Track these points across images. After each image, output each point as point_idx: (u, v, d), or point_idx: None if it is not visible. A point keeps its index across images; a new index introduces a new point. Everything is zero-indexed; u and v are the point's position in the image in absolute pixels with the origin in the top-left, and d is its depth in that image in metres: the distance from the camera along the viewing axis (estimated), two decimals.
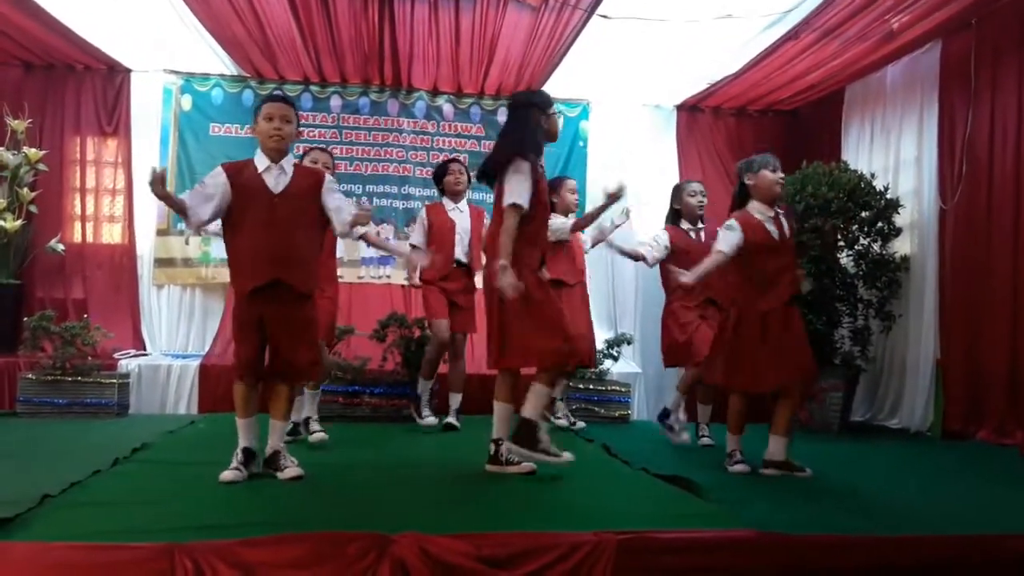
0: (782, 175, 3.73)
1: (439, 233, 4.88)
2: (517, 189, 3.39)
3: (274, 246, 3.21)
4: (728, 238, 3.65)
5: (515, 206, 3.37)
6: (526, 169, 3.41)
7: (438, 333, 4.84)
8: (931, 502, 3.20)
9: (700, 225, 4.75)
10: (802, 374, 3.66)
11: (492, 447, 3.49)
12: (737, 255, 3.63)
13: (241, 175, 3.26)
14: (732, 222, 3.68)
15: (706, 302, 4.54)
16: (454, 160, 5.27)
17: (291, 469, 3.27)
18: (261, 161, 3.29)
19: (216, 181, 3.24)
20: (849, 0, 4.65)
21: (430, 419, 4.90)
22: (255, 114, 3.36)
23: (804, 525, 2.65)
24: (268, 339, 3.29)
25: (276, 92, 6.37)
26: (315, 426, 4.29)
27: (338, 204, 3.34)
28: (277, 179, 3.27)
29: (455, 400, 4.97)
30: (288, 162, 3.34)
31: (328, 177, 3.44)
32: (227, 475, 3.15)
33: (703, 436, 4.59)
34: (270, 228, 3.21)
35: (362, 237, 3.92)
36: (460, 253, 4.87)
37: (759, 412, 3.81)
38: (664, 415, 4.70)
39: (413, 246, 4.94)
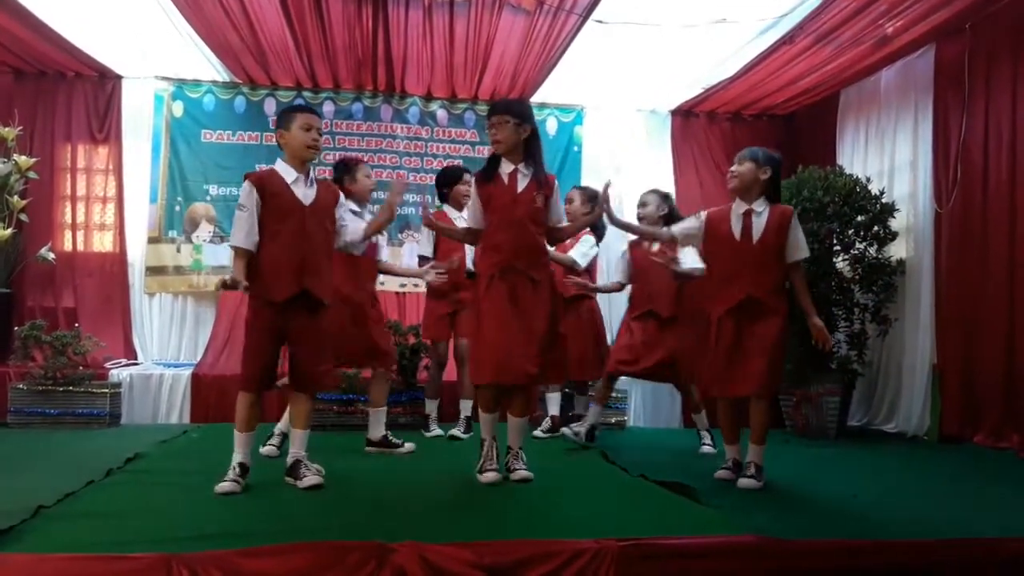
0: (731, 169, 3.63)
1: (446, 243, 4.78)
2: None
3: (304, 258, 3.27)
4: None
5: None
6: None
7: (438, 355, 5.01)
8: (929, 506, 3.20)
9: None
10: (750, 385, 3.47)
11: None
12: (705, 253, 3.74)
13: (270, 185, 3.28)
14: (701, 212, 3.76)
15: (647, 314, 4.51)
16: (459, 167, 5.21)
17: (309, 478, 3.25)
18: (288, 172, 3.31)
19: (251, 197, 3.26)
20: (844, 4, 4.66)
21: (436, 431, 4.94)
22: (284, 123, 3.35)
23: (804, 530, 2.65)
24: (291, 349, 3.32)
25: (298, 102, 6.48)
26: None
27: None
28: (306, 192, 3.33)
29: (466, 407, 4.97)
30: (313, 174, 3.40)
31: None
32: (224, 486, 3.12)
33: (704, 444, 4.54)
34: (300, 240, 3.27)
35: (383, 271, 4.51)
36: (469, 263, 4.79)
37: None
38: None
39: (422, 257, 4.95)
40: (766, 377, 3.45)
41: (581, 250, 4.88)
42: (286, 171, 3.31)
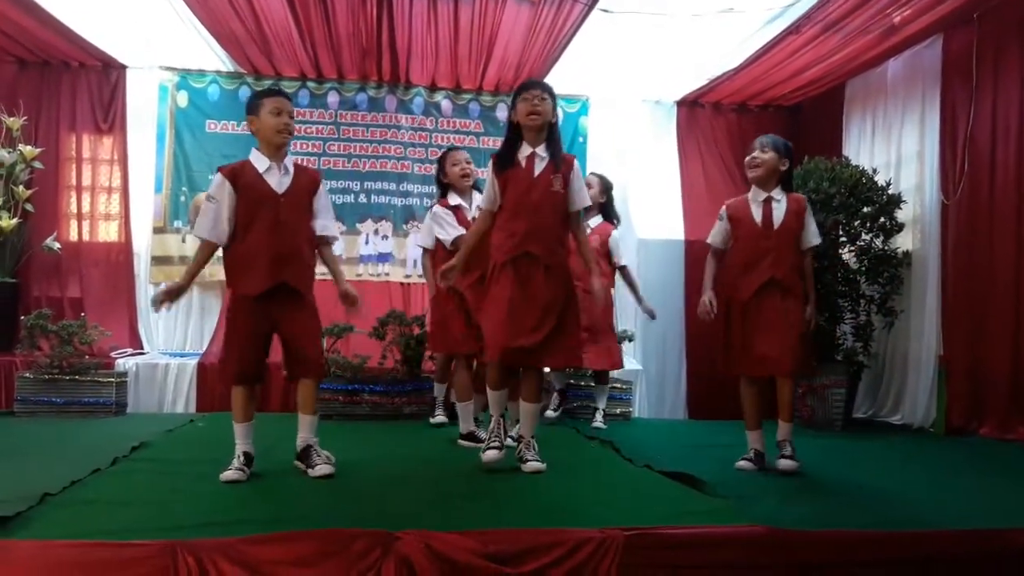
0: (755, 155, 3.65)
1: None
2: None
3: (279, 248, 3.19)
4: (715, 229, 3.86)
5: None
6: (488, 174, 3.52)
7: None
8: (937, 497, 3.19)
9: None
10: (778, 366, 3.54)
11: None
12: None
13: (242, 177, 3.21)
14: (721, 210, 3.83)
15: None
16: (452, 147, 5.13)
17: (321, 467, 3.22)
18: (260, 161, 3.24)
19: (222, 188, 3.20)
20: None
21: (440, 418, 4.92)
22: (253, 109, 3.28)
23: (811, 521, 2.64)
24: (282, 339, 3.28)
25: (273, 87, 6.33)
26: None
27: (323, 209, 3.37)
28: (280, 180, 3.25)
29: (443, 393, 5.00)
30: (289, 161, 3.31)
31: (323, 183, 3.44)
32: (229, 474, 3.12)
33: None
34: (275, 231, 3.20)
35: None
36: None
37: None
38: None
39: (424, 249, 4.65)
40: (799, 354, 3.56)
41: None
42: (259, 160, 3.25)
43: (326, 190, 3.44)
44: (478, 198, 4.21)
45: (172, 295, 3.21)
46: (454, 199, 4.40)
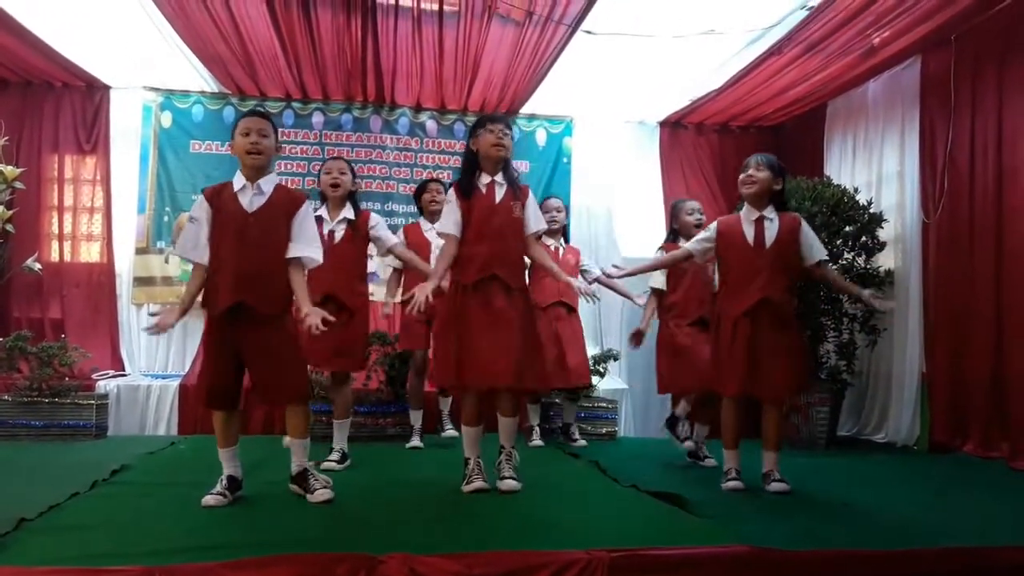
0: (750, 173, 3.67)
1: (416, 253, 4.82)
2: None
3: (241, 267, 3.12)
4: (699, 237, 3.89)
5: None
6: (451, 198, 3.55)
7: (416, 363, 4.97)
8: (922, 515, 3.19)
9: None
10: (773, 391, 3.58)
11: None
12: (717, 259, 3.80)
13: (219, 197, 3.21)
14: (712, 224, 3.86)
15: (700, 321, 4.42)
16: (434, 180, 5.36)
17: (321, 491, 3.18)
18: (238, 180, 3.24)
19: (201, 208, 3.21)
20: (831, 16, 4.69)
21: (415, 442, 4.92)
22: (231, 133, 3.30)
23: (797, 540, 2.63)
24: (245, 364, 3.19)
25: (255, 108, 6.35)
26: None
27: (302, 232, 3.22)
28: (253, 199, 3.20)
29: (444, 404, 5.09)
30: (268, 181, 3.24)
31: (306, 205, 3.30)
32: (209, 499, 3.07)
33: (706, 457, 4.46)
34: (240, 249, 3.13)
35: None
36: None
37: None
38: (672, 422, 4.58)
39: (395, 269, 4.99)
40: (794, 384, 3.65)
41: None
42: (237, 180, 3.24)
43: (308, 211, 3.31)
44: None
45: (168, 320, 3.19)
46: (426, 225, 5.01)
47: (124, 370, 6.16)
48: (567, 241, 5.32)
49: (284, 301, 3.25)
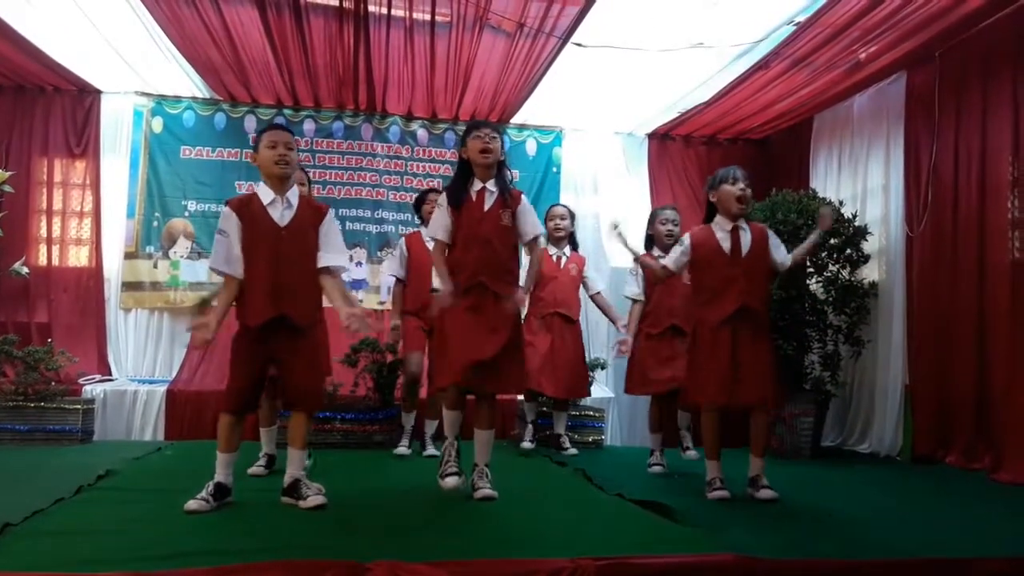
0: (743, 186, 3.72)
1: (417, 263, 4.90)
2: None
3: (279, 282, 3.21)
4: (673, 252, 3.95)
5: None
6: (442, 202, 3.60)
7: (409, 366, 4.93)
8: (904, 526, 3.23)
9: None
10: (757, 395, 3.64)
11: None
12: (692, 269, 3.85)
13: (248, 209, 3.26)
14: (684, 236, 3.94)
15: (671, 329, 4.51)
16: (433, 190, 5.33)
17: (313, 498, 3.20)
18: (266, 194, 3.29)
19: (230, 223, 3.25)
20: (817, 31, 4.74)
21: (403, 449, 4.90)
22: (255, 146, 3.36)
23: (781, 549, 2.66)
24: (280, 371, 3.28)
25: (278, 119, 6.50)
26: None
27: (329, 240, 3.34)
28: (283, 213, 3.28)
29: (431, 427, 4.98)
30: (293, 194, 3.34)
31: (330, 214, 3.42)
32: (192, 505, 3.07)
33: (655, 464, 4.53)
34: (276, 263, 3.22)
35: None
36: (435, 280, 4.84)
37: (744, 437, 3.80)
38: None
39: (397, 279, 5.04)
40: (774, 390, 3.70)
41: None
42: (264, 193, 3.29)
43: (332, 220, 3.41)
44: None
45: (207, 336, 3.18)
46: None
47: (111, 375, 6.14)
48: (575, 249, 5.32)
49: (317, 310, 3.39)
